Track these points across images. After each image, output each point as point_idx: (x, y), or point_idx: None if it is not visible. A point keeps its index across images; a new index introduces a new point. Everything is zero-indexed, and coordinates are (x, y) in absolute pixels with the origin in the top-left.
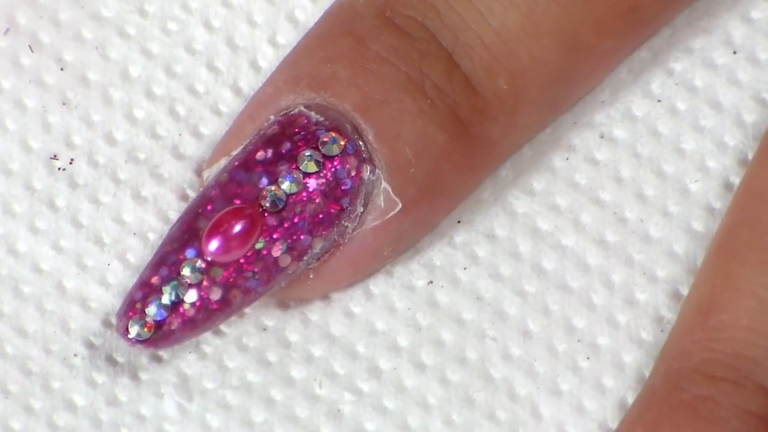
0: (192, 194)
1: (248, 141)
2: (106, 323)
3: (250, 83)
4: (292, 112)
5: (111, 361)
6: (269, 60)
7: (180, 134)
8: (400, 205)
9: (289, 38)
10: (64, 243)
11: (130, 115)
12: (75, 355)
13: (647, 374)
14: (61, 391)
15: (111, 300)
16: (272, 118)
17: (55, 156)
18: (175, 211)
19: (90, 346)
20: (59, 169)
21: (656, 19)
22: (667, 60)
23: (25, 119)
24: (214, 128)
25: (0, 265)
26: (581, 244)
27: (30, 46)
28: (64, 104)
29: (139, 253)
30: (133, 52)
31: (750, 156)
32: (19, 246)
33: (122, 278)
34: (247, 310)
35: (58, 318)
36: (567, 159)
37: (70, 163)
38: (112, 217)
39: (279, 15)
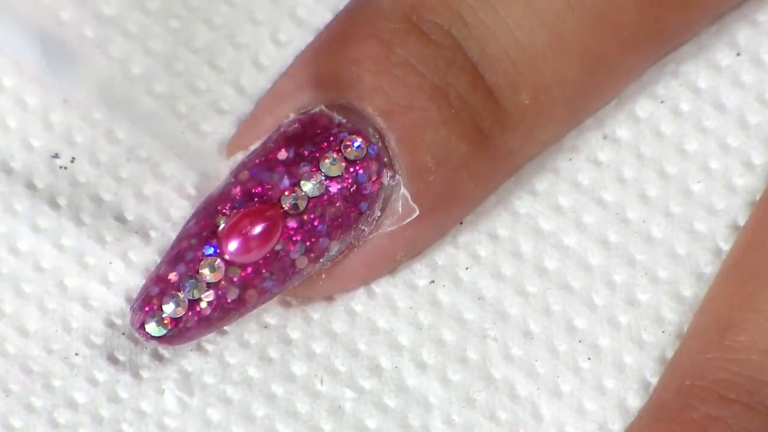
0: (194, 193)
1: (267, 137)
2: (108, 322)
3: (252, 81)
4: (313, 111)
5: (112, 359)
6: (271, 58)
7: (182, 132)
8: (417, 212)
9: (291, 36)
10: (65, 241)
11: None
12: (76, 354)
13: (648, 376)
14: (62, 390)
15: (112, 299)
16: (291, 115)
17: (56, 154)
18: (177, 209)
19: (91, 345)
20: (61, 167)
21: (679, 37)
22: (671, 61)
23: (26, 117)
24: (215, 126)
25: (1, 263)
26: (583, 244)
27: None
28: (65, 102)
29: (141, 252)
30: (134, 49)
31: (753, 157)
32: (20, 245)
33: (124, 277)
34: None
35: (60, 317)
36: (570, 159)
37: (72, 161)
38: (113, 216)
39: (281, 13)
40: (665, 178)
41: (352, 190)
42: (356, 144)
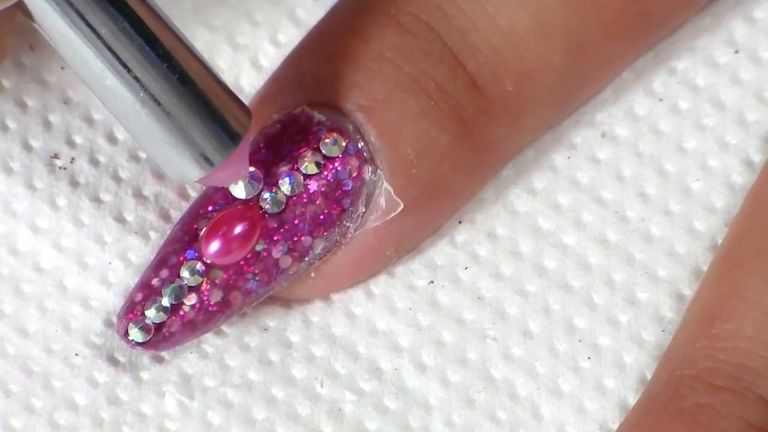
0: (194, 194)
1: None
2: (108, 323)
3: (252, 82)
4: (295, 112)
5: (112, 360)
6: (270, 59)
7: None
8: (401, 206)
9: (290, 37)
10: (65, 242)
11: None
12: (76, 354)
13: (648, 375)
14: (62, 391)
15: (112, 299)
16: (275, 116)
17: (56, 155)
18: (176, 210)
19: (91, 345)
20: (60, 168)
21: (665, 24)
22: (670, 59)
23: (26, 118)
24: None
25: (1, 264)
26: (582, 243)
27: (31, 46)
28: (65, 103)
29: (140, 252)
30: None
31: (751, 154)
32: (20, 245)
33: (123, 277)
34: (248, 310)
35: (59, 317)
36: (568, 158)
37: (71, 162)
38: (113, 216)
39: (280, 14)
40: (664, 176)
41: (332, 186)
42: (333, 141)
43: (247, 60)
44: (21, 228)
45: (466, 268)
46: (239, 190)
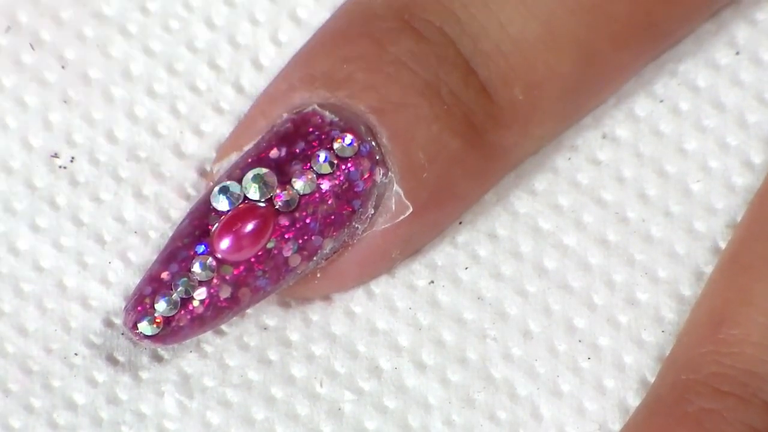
0: (194, 193)
1: (260, 137)
2: (107, 322)
3: (252, 81)
4: (306, 111)
5: (111, 360)
6: (271, 58)
7: (181, 132)
8: (411, 209)
9: (291, 36)
10: (64, 241)
11: (132, 114)
12: (75, 354)
13: (648, 375)
14: (61, 390)
15: (112, 299)
16: (285, 115)
17: (55, 154)
18: (176, 209)
19: (90, 345)
20: (60, 167)
21: (673, 34)
22: (670, 60)
23: (26, 117)
24: (215, 126)
25: (0, 263)
26: (583, 243)
27: (31, 44)
28: (65, 102)
29: (140, 252)
30: (134, 50)
31: (752, 156)
32: (19, 244)
33: (123, 277)
34: (248, 309)
35: (59, 317)
36: (569, 159)
37: (71, 161)
38: (113, 216)
39: (281, 13)
40: (664, 178)
41: (344, 187)
42: (347, 141)
43: (247, 59)
44: (21, 227)
45: (466, 268)
46: (253, 193)
